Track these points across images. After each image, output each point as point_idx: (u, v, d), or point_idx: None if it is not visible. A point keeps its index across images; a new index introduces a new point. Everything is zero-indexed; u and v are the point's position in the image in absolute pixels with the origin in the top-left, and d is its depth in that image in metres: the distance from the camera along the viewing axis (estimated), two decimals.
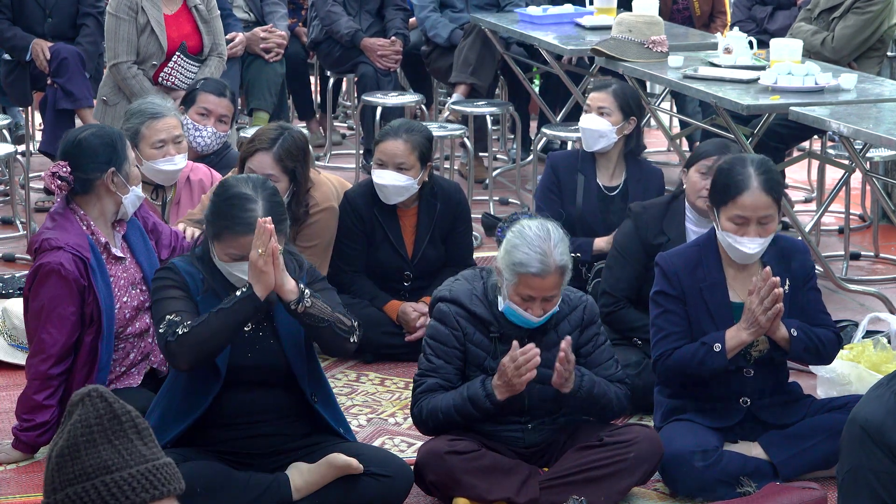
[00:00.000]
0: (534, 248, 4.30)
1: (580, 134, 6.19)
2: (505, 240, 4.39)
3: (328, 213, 5.75)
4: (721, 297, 4.62)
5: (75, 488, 2.32)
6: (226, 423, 4.29)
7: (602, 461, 4.43)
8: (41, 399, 4.74)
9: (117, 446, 2.35)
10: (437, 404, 4.45)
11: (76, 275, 4.66)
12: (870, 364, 5.22)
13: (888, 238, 7.56)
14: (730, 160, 4.68)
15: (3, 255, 7.16)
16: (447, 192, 5.92)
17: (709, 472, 4.52)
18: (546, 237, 4.32)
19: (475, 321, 4.47)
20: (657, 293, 4.68)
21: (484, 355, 4.47)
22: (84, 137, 4.77)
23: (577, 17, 8.34)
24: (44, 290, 4.70)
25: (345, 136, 9.91)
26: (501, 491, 4.39)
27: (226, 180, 4.38)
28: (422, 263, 5.89)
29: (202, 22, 7.59)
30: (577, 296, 4.58)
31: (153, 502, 2.34)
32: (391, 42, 8.77)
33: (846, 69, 6.91)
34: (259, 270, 4.10)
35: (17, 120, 9.04)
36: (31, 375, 4.78)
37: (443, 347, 4.48)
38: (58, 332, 4.70)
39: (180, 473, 2.39)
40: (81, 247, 4.70)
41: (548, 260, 4.29)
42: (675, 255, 4.72)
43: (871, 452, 3.44)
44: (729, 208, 4.54)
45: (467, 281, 4.56)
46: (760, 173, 4.54)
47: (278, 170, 5.47)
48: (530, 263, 4.30)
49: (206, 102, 6.31)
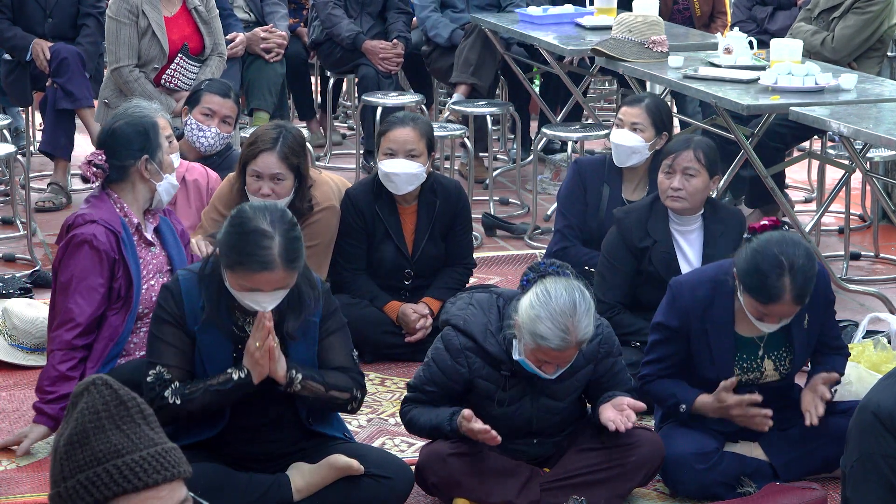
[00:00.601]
0: (557, 323, 4.13)
1: (611, 148, 6.05)
2: (529, 302, 4.18)
3: (329, 212, 5.76)
4: (725, 338, 4.52)
5: (86, 474, 2.34)
6: (228, 433, 4.28)
7: (603, 464, 4.43)
8: (65, 369, 4.75)
9: (126, 431, 2.37)
10: (418, 420, 4.45)
11: (108, 247, 4.73)
12: (870, 364, 5.22)
13: (888, 238, 7.56)
14: (768, 259, 4.30)
15: (3, 255, 7.16)
16: (447, 189, 5.93)
17: (709, 474, 4.51)
18: (572, 311, 4.13)
19: (486, 357, 4.37)
20: (660, 325, 4.58)
21: (493, 388, 4.40)
22: (118, 126, 4.89)
23: (577, 17, 8.34)
24: (74, 260, 4.76)
25: (345, 136, 9.91)
26: (502, 493, 4.39)
27: (243, 210, 4.16)
28: (422, 260, 5.89)
29: (202, 23, 7.59)
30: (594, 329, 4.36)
31: (164, 484, 2.37)
32: (393, 45, 8.77)
33: (846, 69, 6.91)
34: (255, 361, 4.12)
35: (17, 123, 9.03)
36: (56, 346, 4.77)
37: (443, 379, 4.42)
38: (86, 302, 4.74)
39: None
40: (114, 222, 4.79)
41: (569, 337, 4.14)
42: (690, 288, 4.54)
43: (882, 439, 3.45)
44: (757, 306, 4.35)
45: (482, 310, 4.40)
46: (795, 287, 4.29)
47: (284, 168, 5.49)
48: (551, 339, 4.14)
49: (211, 103, 6.32)
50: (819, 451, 4.60)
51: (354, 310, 5.77)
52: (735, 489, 4.55)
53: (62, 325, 4.77)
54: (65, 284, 4.77)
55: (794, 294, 4.29)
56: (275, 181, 5.50)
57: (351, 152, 9.13)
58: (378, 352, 5.82)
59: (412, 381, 4.52)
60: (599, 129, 7.54)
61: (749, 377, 4.57)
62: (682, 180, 5.24)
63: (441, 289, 5.89)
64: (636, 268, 5.31)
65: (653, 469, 4.48)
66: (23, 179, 7.48)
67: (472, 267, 6.07)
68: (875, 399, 3.52)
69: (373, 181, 5.89)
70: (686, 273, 4.78)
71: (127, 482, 2.35)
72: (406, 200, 5.88)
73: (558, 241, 6.02)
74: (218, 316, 4.16)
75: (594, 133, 7.52)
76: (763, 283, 4.30)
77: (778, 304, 4.32)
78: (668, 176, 5.28)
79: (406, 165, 5.75)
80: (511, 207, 8.21)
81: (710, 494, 4.54)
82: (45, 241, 7.38)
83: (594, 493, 4.41)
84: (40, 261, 7.00)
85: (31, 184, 7.71)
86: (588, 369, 4.43)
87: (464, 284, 5.98)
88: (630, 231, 5.31)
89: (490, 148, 8.34)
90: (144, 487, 2.36)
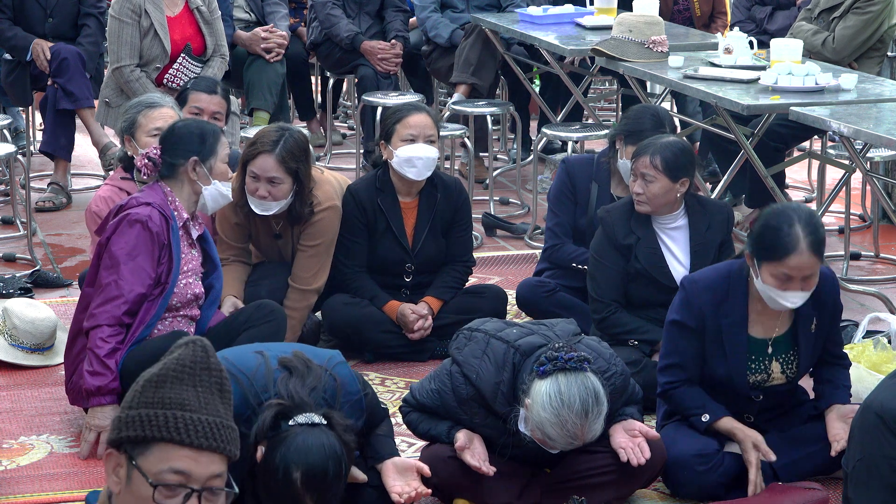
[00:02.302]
0: (567, 431, 4.06)
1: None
2: (541, 402, 4.06)
3: (331, 211, 5.75)
4: (738, 336, 4.52)
5: (148, 411, 2.56)
6: None
7: (605, 467, 4.42)
8: (115, 343, 4.76)
9: (199, 392, 2.58)
10: (417, 425, 4.47)
11: (160, 229, 4.81)
12: (870, 364, 5.22)
13: (888, 238, 7.56)
14: (776, 214, 4.42)
15: (3, 255, 7.16)
16: (448, 185, 5.96)
17: (709, 475, 4.51)
18: (583, 420, 4.05)
19: (492, 413, 4.29)
20: (674, 322, 4.58)
21: (497, 435, 4.34)
22: (179, 125, 5.06)
23: (577, 17, 8.34)
24: (126, 238, 4.80)
25: (345, 136, 9.92)
26: (503, 495, 4.39)
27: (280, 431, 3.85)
28: (422, 254, 5.90)
29: (204, 23, 7.60)
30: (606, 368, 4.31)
31: (207, 451, 2.55)
32: (391, 45, 8.77)
33: (846, 69, 6.91)
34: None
35: (17, 123, 9.03)
36: (105, 321, 4.76)
37: (445, 412, 4.39)
38: (135, 280, 4.78)
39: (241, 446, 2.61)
40: (166, 209, 4.88)
41: (577, 442, 4.11)
42: (704, 287, 4.55)
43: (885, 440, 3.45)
44: (774, 266, 4.37)
45: (496, 367, 4.25)
46: (808, 233, 4.34)
47: (282, 171, 5.50)
48: (558, 442, 4.11)
49: (198, 101, 6.31)
50: (819, 453, 4.59)
51: (354, 309, 5.78)
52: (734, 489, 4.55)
53: (110, 301, 4.78)
54: (115, 261, 4.80)
55: (808, 241, 4.33)
56: (271, 184, 5.51)
57: (351, 152, 9.13)
58: (378, 351, 5.82)
59: (416, 390, 4.49)
60: (599, 129, 7.54)
61: (756, 378, 4.57)
62: (641, 184, 5.27)
63: (441, 288, 5.89)
64: (624, 265, 5.32)
65: (654, 472, 4.48)
66: (23, 179, 7.49)
67: (472, 265, 6.07)
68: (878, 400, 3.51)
69: (375, 175, 5.90)
70: (698, 271, 4.78)
71: (177, 433, 2.54)
72: (409, 194, 5.89)
73: (549, 238, 6.04)
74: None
75: (594, 133, 7.52)
76: (776, 237, 4.34)
77: (796, 255, 4.32)
78: (633, 179, 5.32)
79: (427, 150, 5.78)
80: (511, 207, 8.21)
81: (710, 495, 4.53)
82: (45, 241, 7.38)
83: (596, 494, 4.40)
84: (40, 261, 7.00)
85: (32, 184, 7.71)
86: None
87: (464, 283, 5.99)
88: (613, 229, 5.34)
89: (490, 148, 8.34)
90: (189, 445, 2.54)
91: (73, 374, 4.95)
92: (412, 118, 5.80)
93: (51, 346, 5.77)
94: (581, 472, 4.42)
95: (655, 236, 5.33)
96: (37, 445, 4.99)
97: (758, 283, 4.45)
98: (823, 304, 4.53)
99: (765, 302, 4.48)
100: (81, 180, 8.72)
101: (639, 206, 5.31)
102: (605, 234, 5.36)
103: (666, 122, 5.74)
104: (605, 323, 5.28)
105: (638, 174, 5.29)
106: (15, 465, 4.84)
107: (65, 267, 7.01)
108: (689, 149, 5.41)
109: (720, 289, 4.53)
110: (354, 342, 5.80)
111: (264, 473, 3.79)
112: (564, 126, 7.96)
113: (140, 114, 5.63)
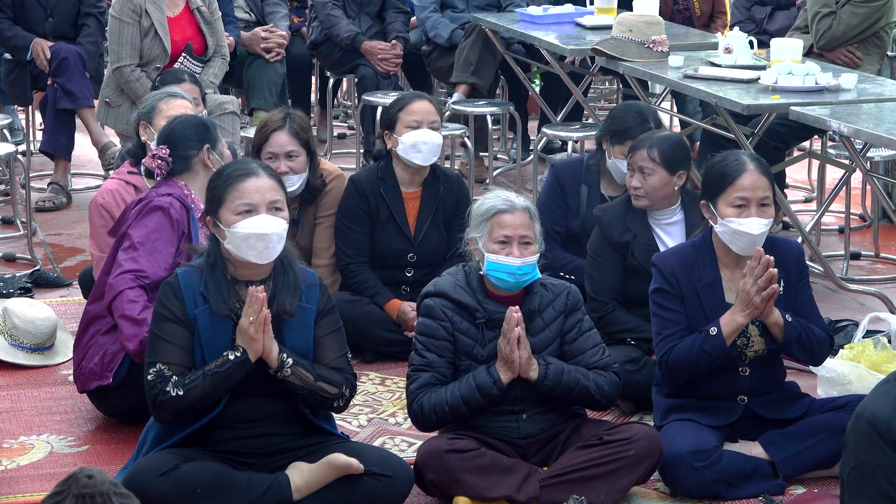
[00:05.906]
0: (497, 196, 4.57)
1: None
2: (475, 207, 4.62)
3: (340, 179, 5.97)
4: (717, 297, 4.65)
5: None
6: (226, 426, 4.29)
7: (602, 459, 4.44)
8: (143, 302, 4.80)
9: None
10: (442, 397, 4.48)
11: (180, 217, 4.90)
12: (870, 364, 5.22)
13: (888, 238, 7.57)
14: (721, 154, 4.74)
15: (3, 255, 7.17)
16: (450, 178, 6.06)
17: (708, 472, 4.52)
18: (508, 193, 4.59)
19: (461, 310, 4.54)
20: (656, 290, 4.72)
21: (472, 343, 4.54)
22: (176, 123, 5.16)
23: (577, 16, 8.34)
24: (147, 221, 4.89)
25: (345, 135, 9.92)
26: (501, 489, 4.39)
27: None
28: (425, 245, 5.92)
29: (205, 24, 7.60)
30: (561, 283, 4.69)
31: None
32: (391, 45, 8.77)
33: (847, 69, 6.90)
34: (250, 338, 4.17)
35: (14, 121, 9.03)
36: (125, 285, 4.81)
37: (433, 341, 4.53)
38: (152, 261, 4.85)
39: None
40: (186, 200, 4.97)
41: (513, 201, 4.54)
42: (671, 255, 4.77)
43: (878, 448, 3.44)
44: (728, 193, 4.60)
45: (450, 275, 4.66)
46: (753, 159, 4.67)
47: (297, 144, 5.70)
48: (496, 205, 4.52)
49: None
50: (818, 446, 4.61)
51: (355, 307, 5.78)
52: (733, 489, 4.55)
53: (129, 272, 4.82)
54: (134, 244, 4.86)
55: (755, 164, 4.63)
56: (289, 158, 5.69)
57: (351, 152, 9.13)
58: (378, 349, 5.83)
59: (409, 370, 4.58)
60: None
61: (738, 343, 4.64)
62: (639, 178, 5.30)
63: None
64: (622, 263, 5.34)
65: (652, 463, 4.49)
66: (23, 179, 7.49)
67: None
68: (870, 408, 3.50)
69: (377, 166, 5.94)
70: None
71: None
72: (412, 184, 5.93)
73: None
74: (218, 294, 4.21)
75: (594, 133, 7.51)
76: (723, 166, 4.64)
77: (746, 174, 4.59)
78: (630, 174, 5.34)
79: (432, 135, 5.86)
80: None
81: (709, 493, 4.54)
82: (45, 241, 7.39)
83: (593, 487, 4.41)
84: (40, 260, 7.00)
85: (32, 184, 7.72)
86: (559, 321, 4.59)
87: None
88: (610, 227, 5.36)
89: (490, 148, 8.34)
90: None
91: (82, 359, 4.98)
92: (415, 105, 5.89)
93: (51, 345, 5.77)
94: (577, 465, 4.43)
95: (651, 233, 5.35)
96: (37, 445, 4.99)
97: (720, 229, 4.62)
98: (786, 263, 4.68)
99: (732, 266, 4.61)
100: (81, 180, 8.73)
101: (636, 201, 5.33)
102: (602, 233, 5.39)
103: (650, 117, 5.76)
104: (604, 322, 5.29)
105: (635, 168, 5.31)
106: (15, 465, 4.84)
107: (65, 267, 7.02)
108: (684, 142, 5.46)
109: (688, 255, 4.71)
110: (354, 340, 5.78)
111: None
112: (564, 126, 7.96)
113: (161, 101, 5.66)
